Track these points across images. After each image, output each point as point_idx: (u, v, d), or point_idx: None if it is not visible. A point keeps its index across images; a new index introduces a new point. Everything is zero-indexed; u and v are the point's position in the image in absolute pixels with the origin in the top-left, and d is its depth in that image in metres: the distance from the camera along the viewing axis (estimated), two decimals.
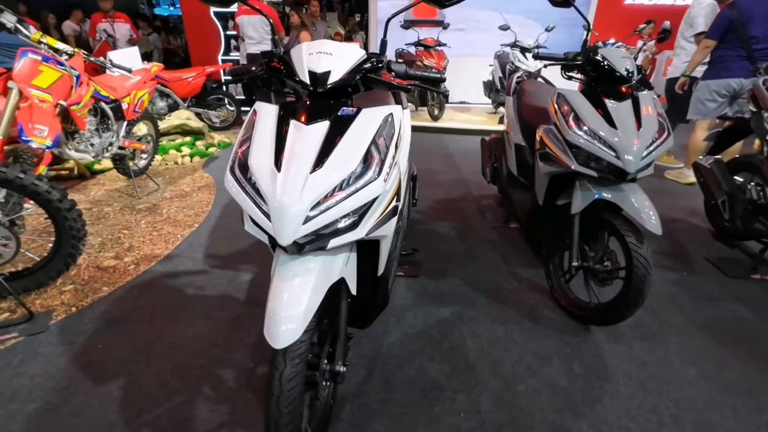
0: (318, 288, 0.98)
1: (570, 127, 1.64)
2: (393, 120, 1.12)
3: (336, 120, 1.05)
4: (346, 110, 1.08)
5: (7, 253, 1.80)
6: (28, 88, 2.21)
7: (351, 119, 1.06)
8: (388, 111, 1.13)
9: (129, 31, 5.92)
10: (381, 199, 1.06)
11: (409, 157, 2.41)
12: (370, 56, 1.17)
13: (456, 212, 2.99)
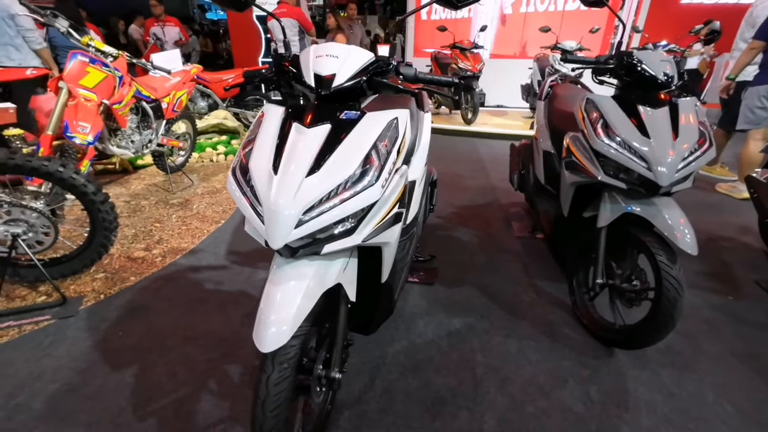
0: (310, 293, 0.97)
1: (598, 135, 1.54)
2: (398, 124, 1.09)
3: (338, 123, 1.04)
4: (350, 113, 1.06)
5: (47, 241, 1.94)
6: (76, 88, 2.37)
7: (354, 123, 1.05)
8: (393, 115, 1.10)
9: (178, 33, 6.26)
10: (380, 206, 1.03)
11: (429, 162, 2.37)
12: (378, 59, 1.14)
13: (480, 219, 2.90)
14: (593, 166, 1.59)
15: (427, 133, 1.94)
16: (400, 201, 1.14)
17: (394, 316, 1.84)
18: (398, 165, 1.07)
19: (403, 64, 1.23)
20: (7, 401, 1.39)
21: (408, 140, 1.13)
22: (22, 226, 1.84)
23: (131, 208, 2.97)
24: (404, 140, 1.10)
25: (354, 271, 1.15)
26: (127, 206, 3.00)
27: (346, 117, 1.05)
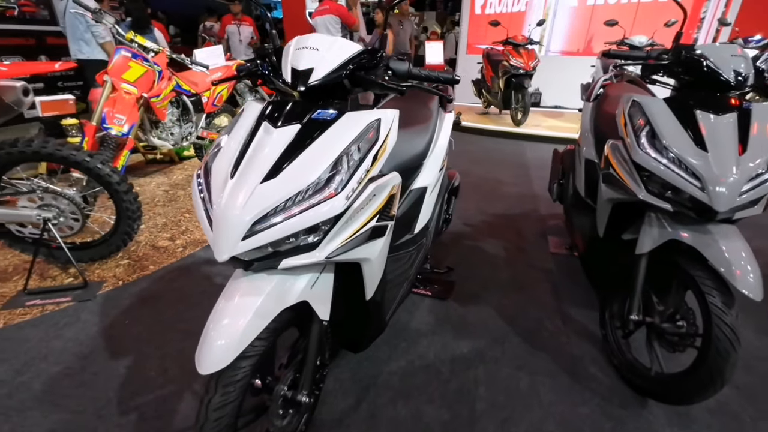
0: (264, 312, 0.88)
1: (641, 145, 1.29)
2: (379, 127, 0.96)
3: (309, 124, 0.93)
4: (324, 113, 0.95)
5: (75, 226, 2.05)
6: (118, 82, 2.50)
7: (327, 124, 0.93)
8: (375, 116, 0.97)
9: (251, 33, 6.45)
10: (350, 218, 0.91)
11: (456, 166, 2.19)
12: (365, 52, 1.02)
13: (512, 231, 2.66)
14: (633, 181, 1.34)
15: (445, 136, 1.77)
16: (381, 213, 1.01)
17: (396, 332, 1.72)
18: (373, 173, 0.94)
19: (395, 59, 1.09)
20: (14, 378, 1.46)
21: (390, 145, 1.00)
22: (53, 210, 1.95)
23: (168, 198, 3.10)
24: (384, 145, 0.97)
25: (327, 287, 1.04)
26: (164, 195, 3.14)
27: (318, 117, 0.94)
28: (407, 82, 1.07)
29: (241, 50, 6.26)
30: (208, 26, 7.08)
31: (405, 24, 6.23)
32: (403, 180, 1.54)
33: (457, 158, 4.24)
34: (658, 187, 1.28)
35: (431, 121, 1.72)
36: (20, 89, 1.81)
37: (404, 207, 1.59)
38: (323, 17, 5.04)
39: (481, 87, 6.20)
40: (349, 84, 0.99)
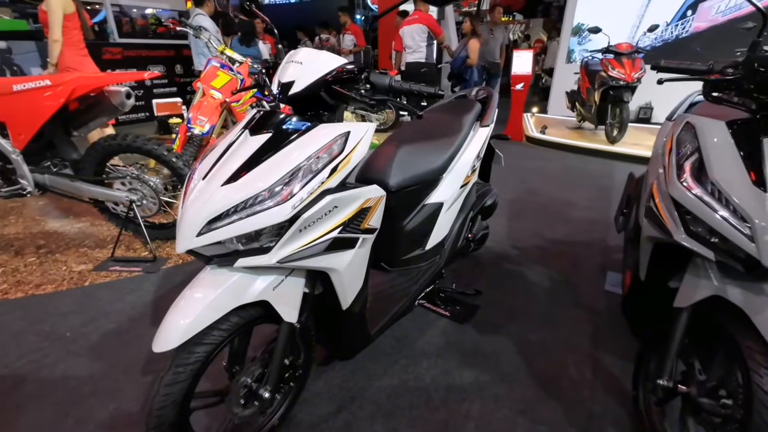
0: (218, 305, 0.95)
1: (681, 176, 1.07)
2: (346, 141, 0.97)
3: (280, 133, 0.98)
4: (296, 124, 0.99)
5: (154, 208, 2.42)
6: (208, 88, 2.89)
7: (296, 134, 0.97)
8: (345, 129, 0.98)
9: (352, 41, 6.95)
10: (306, 227, 0.94)
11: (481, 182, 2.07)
12: (346, 66, 1.03)
13: (567, 260, 2.39)
14: (672, 219, 1.11)
15: (473, 151, 1.68)
16: (348, 225, 1.02)
17: (401, 347, 1.68)
18: (329, 185, 0.95)
19: (376, 72, 1.08)
20: (80, 328, 1.79)
21: (355, 159, 0.99)
22: (138, 194, 2.34)
23: None
24: (347, 159, 0.97)
25: (294, 291, 1.07)
26: None
27: (290, 127, 0.99)
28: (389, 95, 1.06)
29: None
30: (324, 38, 7.72)
31: (496, 32, 6.01)
32: (416, 194, 1.52)
33: (529, 174, 3.96)
34: (703, 231, 1.04)
35: (458, 135, 1.65)
36: (124, 93, 2.21)
37: (415, 221, 1.55)
38: (411, 27, 5.11)
39: (575, 99, 5.68)
40: (328, 97, 1.02)
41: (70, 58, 3.39)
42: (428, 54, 5.09)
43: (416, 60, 5.12)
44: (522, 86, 5.26)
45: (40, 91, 2.01)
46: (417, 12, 5.15)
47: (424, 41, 5.05)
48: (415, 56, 5.10)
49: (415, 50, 5.09)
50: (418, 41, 5.01)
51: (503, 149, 2.29)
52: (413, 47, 5.10)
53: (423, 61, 5.09)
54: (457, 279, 2.18)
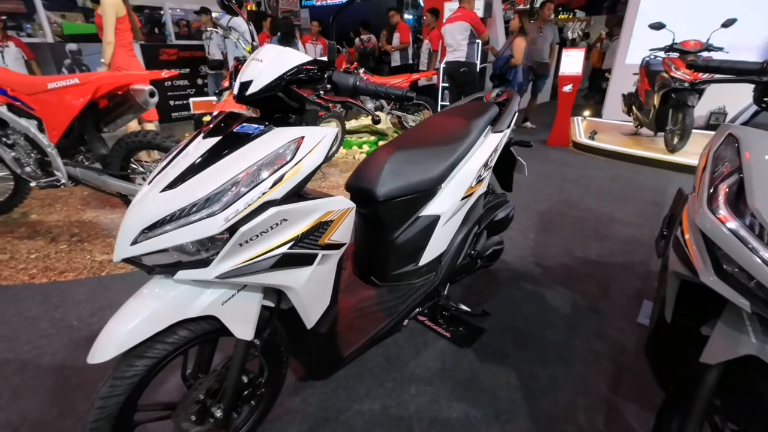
0: (158, 318, 0.89)
1: (713, 203, 0.85)
2: (298, 148, 0.87)
3: (230, 137, 0.90)
4: (247, 127, 0.91)
5: None
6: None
7: (247, 138, 0.89)
8: (299, 134, 0.88)
9: (398, 38, 6.87)
10: (248, 241, 0.85)
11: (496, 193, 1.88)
12: (305, 64, 0.93)
13: (597, 284, 2.13)
14: (699, 255, 0.89)
15: (479, 159, 1.52)
16: (302, 240, 0.92)
17: (390, 368, 1.57)
18: (271, 196, 0.85)
19: (340, 72, 0.97)
20: (88, 316, 1.86)
21: (307, 168, 0.89)
22: None
23: None
24: (296, 168, 0.87)
25: (248, 307, 0.99)
26: None
27: (241, 131, 0.91)
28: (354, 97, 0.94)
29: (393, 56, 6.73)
30: (365, 39, 7.73)
31: (545, 30, 5.63)
32: (408, 204, 1.39)
33: (569, 184, 3.64)
34: (738, 272, 0.82)
35: (463, 140, 1.49)
36: (147, 92, 2.29)
37: (408, 234, 1.42)
38: (453, 24, 4.89)
39: (632, 102, 5.16)
40: (288, 98, 0.93)
41: (121, 58, 3.60)
42: (469, 53, 4.85)
43: (456, 59, 4.90)
44: (570, 88, 4.87)
45: (70, 89, 2.12)
46: (460, 9, 4.92)
47: (466, 39, 4.81)
48: (455, 55, 4.87)
49: (455, 49, 4.86)
50: (459, 39, 4.78)
51: (541, 156, 2.08)
52: (454, 45, 4.87)
53: (463, 60, 4.86)
54: (465, 297, 2.01)
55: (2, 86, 2.18)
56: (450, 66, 5.02)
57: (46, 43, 5.65)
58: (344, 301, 1.42)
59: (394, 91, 0.98)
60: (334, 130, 0.95)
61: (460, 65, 4.90)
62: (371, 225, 1.46)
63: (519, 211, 3.01)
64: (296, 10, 8.63)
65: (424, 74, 5.39)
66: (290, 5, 8.42)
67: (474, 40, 4.89)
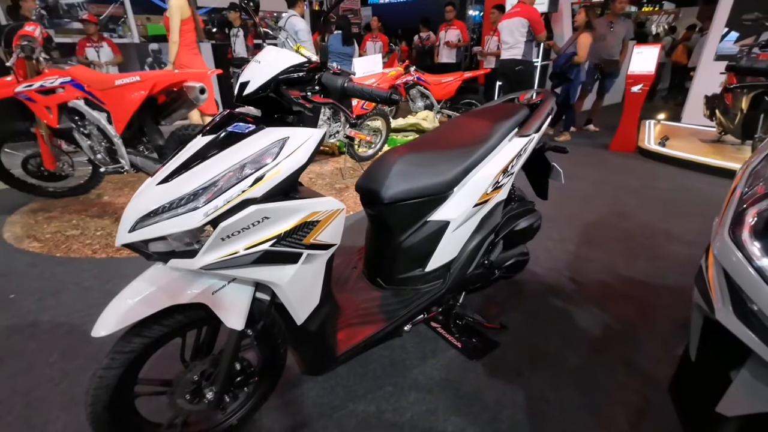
0: (153, 300, 0.96)
1: (737, 231, 0.73)
2: (282, 148, 0.89)
3: (222, 135, 0.94)
4: (239, 126, 0.95)
5: None
6: None
7: (238, 137, 0.92)
8: (284, 135, 0.90)
9: (457, 36, 6.68)
10: (230, 237, 0.89)
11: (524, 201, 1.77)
12: (298, 66, 0.94)
13: (637, 307, 1.93)
14: (719, 289, 0.77)
15: (496, 164, 1.44)
16: (285, 239, 0.94)
17: (394, 370, 1.56)
18: (252, 194, 0.87)
19: (330, 74, 0.96)
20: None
21: (288, 169, 0.90)
22: None
23: (307, 184, 3.61)
24: (277, 168, 0.88)
25: (238, 298, 1.04)
26: (307, 182, 3.68)
27: (234, 130, 0.94)
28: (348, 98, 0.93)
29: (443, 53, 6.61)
30: (424, 37, 7.69)
31: (617, 25, 5.16)
32: (416, 208, 1.37)
33: (626, 193, 3.34)
34: (761, 315, 0.70)
35: (482, 144, 1.42)
36: (198, 89, 2.47)
37: (415, 239, 1.39)
38: (511, 21, 4.63)
39: (716, 105, 4.56)
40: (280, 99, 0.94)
41: (184, 57, 3.92)
42: (526, 51, 4.57)
43: (512, 57, 4.65)
44: (640, 88, 4.43)
45: (132, 85, 2.35)
46: (519, 4, 4.64)
47: (524, 36, 4.51)
48: (511, 53, 4.62)
49: (512, 46, 4.61)
50: (517, 36, 4.51)
51: (599, 162, 1.94)
52: (510, 43, 4.61)
53: (519, 58, 4.60)
54: (484, 307, 1.93)
55: (81, 82, 2.48)
56: (505, 64, 4.78)
57: (133, 43, 6.31)
58: (348, 301, 1.43)
59: (378, 93, 0.95)
60: (320, 132, 0.96)
61: (515, 63, 4.65)
62: (378, 227, 1.45)
63: (561, 221, 2.82)
64: (357, 8, 8.78)
65: (475, 73, 5.22)
66: (351, 3, 8.60)
67: (532, 37, 4.61)
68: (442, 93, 5.30)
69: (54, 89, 2.49)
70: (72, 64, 2.60)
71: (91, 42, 4.98)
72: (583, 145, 5.02)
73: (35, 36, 2.45)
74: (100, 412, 0.99)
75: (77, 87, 2.48)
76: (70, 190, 3.23)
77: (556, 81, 5.10)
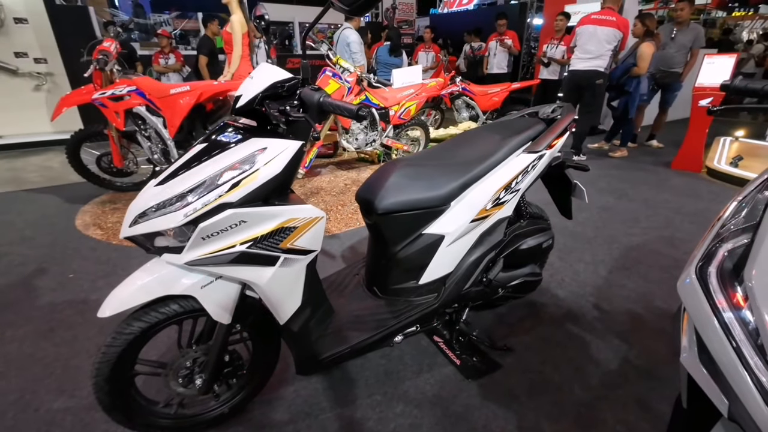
0: (148, 290, 1.07)
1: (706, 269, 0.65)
2: (256, 158, 0.96)
3: (212, 143, 1.03)
4: (227, 136, 1.03)
5: None
6: None
7: (225, 145, 1.01)
8: (262, 145, 0.97)
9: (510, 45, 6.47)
10: (210, 237, 0.97)
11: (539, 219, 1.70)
12: (283, 81, 1.00)
13: (670, 344, 1.76)
14: (688, 330, 0.69)
15: (497, 180, 1.40)
16: (262, 242, 1.00)
17: (387, 381, 1.57)
18: (228, 199, 0.94)
19: (308, 88, 1.00)
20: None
21: (263, 177, 0.96)
22: None
23: (341, 190, 3.72)
24: (253, 175, 0.95)
25: (225, 294, 1.12)
26: (342, 187, 3.78)
27: (222, 138, 1.03)
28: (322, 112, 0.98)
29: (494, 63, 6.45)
30: (476, 47, 7.63)
31: (680, 33, 4.67)
32: (411, 220, 1.38)
33: (681, 218, 3.05)
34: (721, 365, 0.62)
35: (485, 159, 1.40)
36: None
37: (409, 251, 1.40)
38: (603, 29, 4.12)
39: None
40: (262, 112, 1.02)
41: (242, 68, 4.24)
42: (609, 65, 4.24)
43: (594, 68, 4.21)
44: (710, 102, 4.01)
45: (183, 94, 2.61)
46: (610, 11, 4.18)
47: (612, 48, 4.18)
48: (594, 63, 4.19)
49: (595, 56, 4.17)
50: (605, 46, 4.13)
51: (657, 181, 1.83)
52: (594, 52, 4.17)
53: (602, 70, 4.21)
54: (493, 326, 1.86)
55: (143, 91, 2.80)
56: (582, 75, 4.28)
57: None
58: (343, 306, 1.47)
59: (346, 107, 0.98)
60: (296, 144, 1.01)
61: (597, 75, 4.22)
62: (375, 237, 1.47)
63: (599, 242, 2.64)
64: (412, 19, 8.90)
65: (524, 83, 5.05)
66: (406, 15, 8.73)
67: (617, 50, 4.27)
68: (488, 104, 5.19)
69: (122, 97, 2.83)
70: (138, 75, 2.94)
71: (163, 54, 5.57)
72: (642, 161, 4.64)
73: (110, 51, 2.81)
74: (102, 384, 1.12)
75: (140, 95, 2.80)
76: (134, 186, 3.62)
77: (613, 94, 4.77)
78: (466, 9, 13.21)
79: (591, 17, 4.25)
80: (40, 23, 5.22)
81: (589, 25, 4.23)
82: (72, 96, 2.90)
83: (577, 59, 4.36)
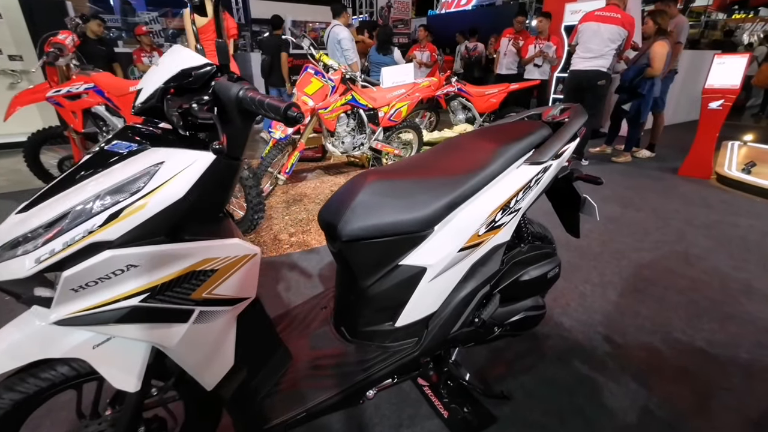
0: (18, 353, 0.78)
1: None
2: (153, 176, 0.68)
3: (98, 155, 0.75)
4: (119, 145, 0.75)
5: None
6: (299, 94, 2.94)
7: (114, 158, 0.73)
8: (159, 159, 0.69)
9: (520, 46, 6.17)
10: (83, 287, 0.69)
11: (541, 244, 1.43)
12: (193, 69, 0.73)
13: (696, 388, 1.49)
14: None
15: (492, 199, 1.12)
16: (164, 293, 0.72)
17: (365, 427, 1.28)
18: (103, 236, 0.66)
19: (225, 80, 0.72)
20: None
21: (156, 204, 0.68)
22: None
23: (327, 197, 3.45)
24: (141, 202, 0.67)
25: (128, 355, 0.83)
26: (329, 194, 3.51)
27: (113, 149, 0.75)
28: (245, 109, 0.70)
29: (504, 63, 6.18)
30: (471, 47, 7.39)
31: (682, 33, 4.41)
32: (383, 249, 1.10)
33: (695, 231, 2.79)
34: None
35: (476, 173, 1.12)
36: None
37: (382, 286, 1.12)
38: (607, 26, 3.87)
39: None
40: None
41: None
42: (612, 64, 3.97)
43: (596, 68, 3.95)
44: (720, 104, 3.76)
45: None
46: (615, 8, 3.92)
47: (616, 47, 3.92)
48: (596, 63, 3.93)
49: (598, 56, 3.92)
50: (609, 45, 3.88)
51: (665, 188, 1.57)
52: (597, 51, 3.93)
53: (604, 70, 3.95)
54: (488, 366, 1.59)
55: (102, 88, 2.51)
56: (584, 75, 4.04)
57: None
58: (302, 350, 1.20)
59: (272, 105, 0.71)
60: (207, 156, 0.73)
61: (600, 76, 3.97)
62: (341, 267, 1.20)
63: (606, 260, 2.37)
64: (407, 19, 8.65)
65: (523, 84, 4.79)
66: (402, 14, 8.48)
67: (620, 50, 4.01)
68: (485, 106, 4.93)
69: (79, 95, 2.54)
70: (97, 71, 2.65)
71: (145, 52, 5.30)
72: (647, 167, 4.38)
73: (65, 44, 2.52)
74: None
75: (99, 93, 2.52)
76: None
77: (624, 96, 4.48)
78: (464, 10, 13.00)
79: (595, 14, 4.01)
80: (14, 18, 4.92)
81: (592, 22, 3.98)
82: (25, 94, 2.61)
83: (578, 58, 4.12)
